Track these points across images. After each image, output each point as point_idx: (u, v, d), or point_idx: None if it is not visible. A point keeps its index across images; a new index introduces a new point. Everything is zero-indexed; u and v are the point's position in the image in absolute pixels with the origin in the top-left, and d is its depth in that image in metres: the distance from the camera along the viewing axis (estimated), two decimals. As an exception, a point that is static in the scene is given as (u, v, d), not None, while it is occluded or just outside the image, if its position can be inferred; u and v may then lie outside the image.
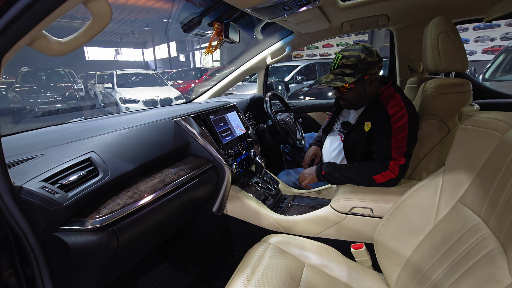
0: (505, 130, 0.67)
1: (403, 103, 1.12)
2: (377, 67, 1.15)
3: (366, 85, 1.18)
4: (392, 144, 1.11)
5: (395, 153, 1.11)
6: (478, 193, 0.69)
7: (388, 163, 1.12)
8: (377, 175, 1.13)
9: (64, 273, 0.70)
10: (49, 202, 0.64)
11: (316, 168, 1.29)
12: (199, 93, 2.07)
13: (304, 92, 5.13)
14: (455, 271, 0.63)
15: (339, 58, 1.17)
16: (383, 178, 1.13)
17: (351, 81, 1.14)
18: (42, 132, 1.03)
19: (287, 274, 0.85)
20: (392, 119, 1.11)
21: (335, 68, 1.18)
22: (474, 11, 1.49)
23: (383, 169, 1.13)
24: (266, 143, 1.72)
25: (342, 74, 1.16)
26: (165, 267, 1.40)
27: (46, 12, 0.51)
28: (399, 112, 1.11)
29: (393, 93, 1.17)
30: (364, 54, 1.12)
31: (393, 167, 1.12)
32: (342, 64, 1.15)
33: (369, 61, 1.12)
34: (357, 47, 1.15)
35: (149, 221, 0.85)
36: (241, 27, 1.49)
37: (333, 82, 1.16)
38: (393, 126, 1.11)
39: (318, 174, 1.27)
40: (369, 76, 1.15)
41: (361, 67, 1.12)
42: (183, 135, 1.18)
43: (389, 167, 1.12)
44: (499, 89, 1.94)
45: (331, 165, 1.26)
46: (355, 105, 1.25)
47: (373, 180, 1.14)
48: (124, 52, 23.87)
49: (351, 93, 1.20)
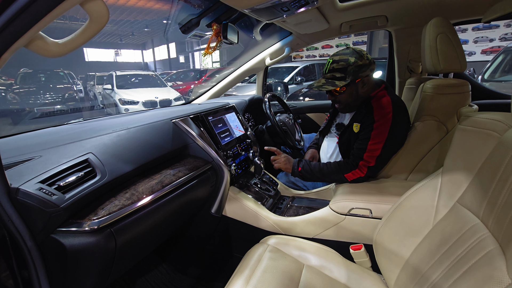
0: (504, 131, 0.67)
1: (390, 108, 1.14)
2: (368, 69, 1.17)
3: (359, 88, 1.20)
4: (368, 146, 1.16)
5: (367, 155, 1.17)
6: (476, 193, 0.69)
7: (358, 163, 1.19)
8: (348, 173, 1.21)
9: (61, 275, 0.70)
10: (46, 203, 0.64)
11: (294, 162, 1.32)
12: (198, 94, 2.07)
13: (303, 93, 5.14)
14: (454, 272, 0.63)
15: (329, 62, 1.20)
16: (353, 176, 1.21)
17: (342, 85, 1.17)
18: (40, 134, 1.02)
19: (286, 276, 0.85)
20: (375, 124, 1.14)
21: (326, 73, 1.22)
22: (472, 12, 1.49)
23: (352, 168, 1.20)
24: (265, 144, 1.72)
25: (333, 78, 1.19)
26: (164, 268, 1.39)
27: (43, 13, 0.50)
28: (383, 117, 1.14)
29: (384, 97, 1.18)
30: (354, 57, 1.15)
31: (361, 168, 1.18)
32: (332, 68, 1.19)
33: (359, 64, 1.15)
34: (348, 51, 1.18)
35: (147, 222, 0.85)
36: (240, 28, 1.49)
37: (324, 86, 1.20)
38: (374, 130, 1.14)
39: (294, 170, 1.31)
40: (360, 79, 1.17)
41: (351, 70, 1.15)
42: (181, 136, 1.18)
43: (357, 167, 1.19)
44: (498, 89, 1.94)
45: (307, 163, 1.30)
46: (350, 107, 1.27)
47: (345, 178, 1.22)
48: (124, 53, 23.88)
49: (343, 96, 1.23)
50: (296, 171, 1.30)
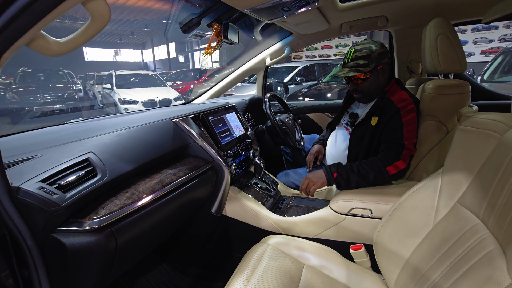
0: (504, 131, 0.67)
1: (410, 99, 1.16)
2: (387, 57, 1.20)
3: (380, 75, 1.21)
4: (404, 133, 1.12)
5: (408, 142, 1.11)
6: (477, 194, 0.69)
7: (401, 151, 1.11)
8: (389, 166, 1.11)
9: (61, 274, 0.70)
10: (46, 202, 0.64)
11: (325, 171, 1.18)
12: (198, 94, 2.07)
13: (303, 93, 5.14)
14: (454, 272, 0.63)
15: (351, 52, 1.22)
16: (395, 169, 1.11)
17: (367, 71, 1.18)
18: (40, 133, 1.02)
19: (286, 276, 0.85)
20: (402, 111, 1.14)
21: (349, 62, 1.22)
22: (472, 13, 1.49)
23: (395, 159, 1.11)
24: (265, 144, 1.72)
25: (357, 66, 1.20)
26: (164, 268, 1.39)
27: (44, 12, 0.50)
28: (407, 106, 1.14)
29: (399, 90, 1.21)
30: (375, 45, 1.18)
31: (405, 156, 1.11)
32: (355, 57, 1.20)
33: (380, 51, 1.18)
34: (367, 41, 1.21)
35: (147, 222, 0.85)
36: (240, 28, 1.49)
37: (350, 73, 1.19)
38: (404, 117, 1.13)
39: (329, 178, 1.17)
40: (382, 66, 1.19)
41: (374, 57, 1.17)
42: (182, 136, 1.18)
43: (401, 155, 1.11)
44: (498, 90, 1.94)
45: (340, 165, 1.18)
46: (370, 95, 1.27)
47: (386, 172, 1.11)
48: (123, 53, 23.86)
49: (366, 84, 1.23)
50: (332, 178, 1.16)
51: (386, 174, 1.11)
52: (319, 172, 1.20)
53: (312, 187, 1.20)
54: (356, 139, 1.27)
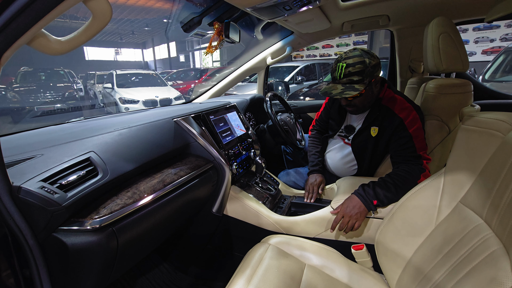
0: (507, 131, 0.67)
1: (409, 105, 1.14)
2: (379, 68, 1.16)
3: (373, 88, 1.18)
4: (416, 145, 1.11)
5: (422, 152, 1.11)
6: (480, 193, 0.69)
7: (422, 162, 1.10)
8: (420, 179, 1.07)
9: (63, 274, 0.70)
10: (48, 202, 0.64)
11: (360, 198, 1.07)
12: (199, 93, 2.06)
13: (304, 92, 5.14)
14: (457, 272, 0.63)
15: (343, 67, 1.13)
16: (423, 178, 1.07)
17: (362, 88, 1.11)
18: (41, 132, 1.02)
19: (287, 275, 0.84)
20: (406, 121, 1.11)
21: (341, 78, 1.14)
22: (475, 12, 1.48)
23: (422, 171, 1.08)
24: (266, 143, 1.71)
25: (351, 83, 1.13)
26: (165, 268, 1.39)
27: (45, 10, 0.50)
28: (410, 115, 1.12)
29: (394, 96, 1.18)
30: (367, 58, 1.11)
31: (426, 166, 1.10)
32: (348, 73, 1.12)
33: (373, 64, 1.12)
34: (357, 52, 1.13)
35: (148, 221, 0.85)
36: (241, 27, 1.48)
37: (346, 93, 1.12)
38: (410, 129, 1.11)
39: (368, 205, 1.06)
40: (375, 79, 1.15)
41: (369, 71, 1.11)
42: (183, 135, 1.18)
43: (423, 166, 1.10)
44: (499, 90, 1.94)
45: (376, 189, 1.07)
46: (364, 108, 1.24)
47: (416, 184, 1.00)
48: (124, 52, 23.85)
49: (360, 99, 1.18)
50: (372, 205, 1.06)
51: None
52: (353, 202, 1.07)
53: (356, 223, 1.05)
54: (359, 149, 1.27)
